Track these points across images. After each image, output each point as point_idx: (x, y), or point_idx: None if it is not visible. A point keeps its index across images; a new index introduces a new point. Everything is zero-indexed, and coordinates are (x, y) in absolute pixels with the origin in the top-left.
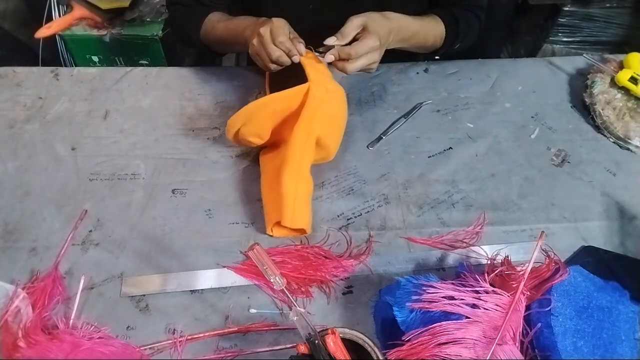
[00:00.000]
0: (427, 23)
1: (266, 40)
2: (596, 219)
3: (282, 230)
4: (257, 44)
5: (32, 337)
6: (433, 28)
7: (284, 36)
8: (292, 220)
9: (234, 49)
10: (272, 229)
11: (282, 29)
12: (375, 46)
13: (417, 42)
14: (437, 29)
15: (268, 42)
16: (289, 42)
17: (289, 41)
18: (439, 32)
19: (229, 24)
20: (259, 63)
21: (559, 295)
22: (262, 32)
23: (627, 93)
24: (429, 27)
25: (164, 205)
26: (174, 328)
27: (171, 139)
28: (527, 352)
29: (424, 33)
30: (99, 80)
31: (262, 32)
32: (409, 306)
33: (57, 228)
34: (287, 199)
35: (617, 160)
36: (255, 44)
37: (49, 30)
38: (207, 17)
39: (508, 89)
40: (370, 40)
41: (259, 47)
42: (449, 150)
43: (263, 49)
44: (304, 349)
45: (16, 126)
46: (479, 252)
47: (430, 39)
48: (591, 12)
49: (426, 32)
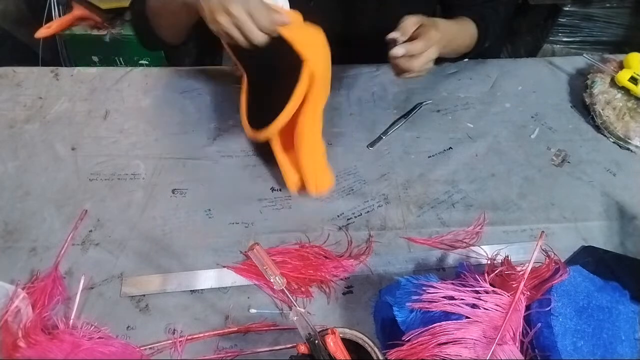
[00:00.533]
0: (462, 25)
1: (243, 22)
2: (596, 219)
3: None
4: (226, 24)
5: (32, 337)
6: (468, 29)
7: (265, 18)
8: (316, 187)
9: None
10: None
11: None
12: (437, 39)
13: (458, 45)
14: (471, 30)
15: (247, 25)
16: (271, 24)
17: (271, 22)
18: (473, 33)
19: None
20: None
21: (559, 295)
22: (235, 12)
23: (627, 93)
24: (465, 29)
25: (164, 205)
26: (174, 328)
27: (171, 139)
28: (527, 352)
29: (463, 36)
30: (99, 80)
31: (235, 12)
32: (409, 306)
33: (57, 228)
34: (308, 171)
35: (617, 160)
36: (225, 23)
37: (49, 30)
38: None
39: (508, 89)
40: (432, 32)
41: (230, 27)
42: (449, 150)
43: (237, 30)
44: (304, 349)
45: (16, 126)
46: (479, 252)
47: (467, 41)
48: (591, 12)
49: (464, 34)
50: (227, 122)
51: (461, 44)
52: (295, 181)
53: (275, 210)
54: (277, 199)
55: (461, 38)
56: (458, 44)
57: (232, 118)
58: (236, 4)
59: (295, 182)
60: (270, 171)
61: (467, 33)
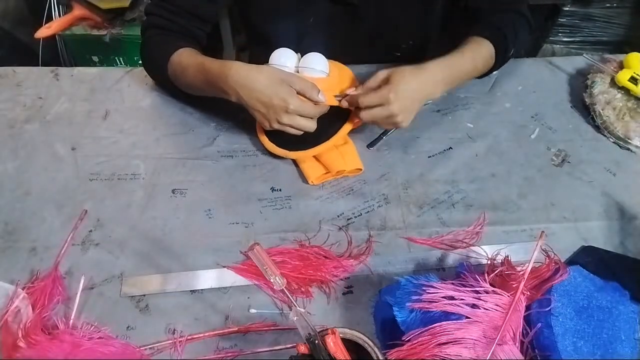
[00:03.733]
0: (471, 52)
1: (296, 125)
2: (596, 219)
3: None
4: (288, 121)
5: (32, 337)
6: (480, 54)
7: (310, 110)
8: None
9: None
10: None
11: (301, 107)
12: (387, 98)
13: (467, 75)
14: (483, 51)
15: (299, 124)
16: (316, 112)
17: (315, 111)
18: (486, 54)
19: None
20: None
21: (559, 295)
22: (285, 121)
23: (627, 93)
24: (475, 55)
25: (164, 205)
26: (174, 328)
27: (171, 139)
28: (527, 352)
29: (472, 65)
30: (99, 80)
31: (285, 121)
32: (409, 306)
33: (57, 228)
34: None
35: (617, 160)
36: (287, 121)
37: (49, 30)
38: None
39: (508, 89)
40: (384, 90)
41: (287, 129)
42: (449, 150)
43: (295, 122)
44: (304, 349)
45: (16, 126)
46: (479, 252)
47: (480, 66)
48: (591, 12)
49: (475, 63)
50: (227, 122)
51: (471, 72)
52: (318, 174)
53: (275, 210)
54: (277, 199)
55: (470, 68)
56: (467, 74)
57: (232, 118)
58: (284, 116)
59: (317, 175)
60: (270, 171)
61: (480, 58)
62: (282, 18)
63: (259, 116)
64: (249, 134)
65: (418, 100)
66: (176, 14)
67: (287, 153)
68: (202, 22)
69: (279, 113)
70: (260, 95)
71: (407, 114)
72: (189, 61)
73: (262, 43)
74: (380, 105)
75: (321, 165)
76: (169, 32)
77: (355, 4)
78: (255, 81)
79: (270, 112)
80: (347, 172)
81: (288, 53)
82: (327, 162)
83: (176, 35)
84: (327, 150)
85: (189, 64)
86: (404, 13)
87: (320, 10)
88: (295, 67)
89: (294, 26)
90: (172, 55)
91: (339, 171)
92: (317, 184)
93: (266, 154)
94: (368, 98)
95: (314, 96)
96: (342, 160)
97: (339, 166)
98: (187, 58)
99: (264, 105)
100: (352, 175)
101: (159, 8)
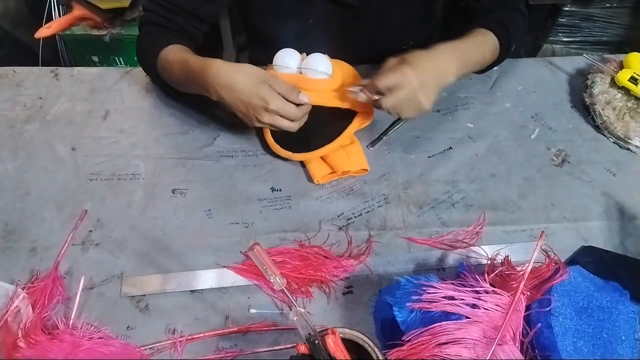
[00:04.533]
0: (478, 40)
1: (277, 124)
2: (596, 219)
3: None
4: (269, 120)
5: (32, 337)
6: (486, 43)
7: (292, 112)
8: (352, 165)
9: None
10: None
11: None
12: (407, 74)
13: (477, 62)
14: (490, 42)
15: (280, 124)
16: (298, 114)
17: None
18: (492, 45)
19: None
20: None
21: (559, 295)
22: (266, 121)
23: (627, 93)
24: (482, 44)
25: (164, 205)
26: (174, 328)
27: (171, 139)
28: (527, 352)
29: (481, 52)
30: (99, 80)
31: (266, 121)
32: (409, 306)
33: (57, 228)
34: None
35: (617, 160)
36: (267, 120)
37: (49, 30)
38: (165, 49)
39: (508, 88)
40: (402, 68)
41: (268, 126)
42: (449, 150)
43: (277, 122)
44: (304, 349)
45: (16, 126)
46: (479, 252)
47: (488, 55)
48: (591, 12)
49: (482, 50)
50: (227, 122)
51: (482, 59)
52: (323, 174)
53: (275, 210)
54: (277, 199)
55: (480, 54)
56: (478, 60)
57: (232, 118)
58: (264, 115)
59: (323, 175)
60: (270, 171)
61: (487, 47)
62: (282, 19)
63: (240, 115)
64: (249, 134)
65: (436, 77)
66: (173, 12)
67: (292, 155)
68: (199, 21)
69: (259, 112)
70: (240, 95)
71: (428, 91)
72: (175, 57)
73: (262, 43)
74: (399, 85)
75: (327, 165)
76: (165, 29)
77: (355, 4)
78: (236, 81)
79: (251, 111)
80: (352, 172)
81: (292, 53)
82: (333, 162)
83: (172, 32)
84: (333, 151)
85: (175, 60)
86: (404, 14)
87: (320, 11)
88: (298, 67)
89: (293, 27)
90: (162, 51)
91: (344, 171)
92: (322, 183)
93: (266, 154)
94: (385, 79)
95: (294, 98)
96: (347, 161)
97: (345, 166)
98: (174, 55)
99: (244, 105)
100: (357, 175)
101: (157, 5)
